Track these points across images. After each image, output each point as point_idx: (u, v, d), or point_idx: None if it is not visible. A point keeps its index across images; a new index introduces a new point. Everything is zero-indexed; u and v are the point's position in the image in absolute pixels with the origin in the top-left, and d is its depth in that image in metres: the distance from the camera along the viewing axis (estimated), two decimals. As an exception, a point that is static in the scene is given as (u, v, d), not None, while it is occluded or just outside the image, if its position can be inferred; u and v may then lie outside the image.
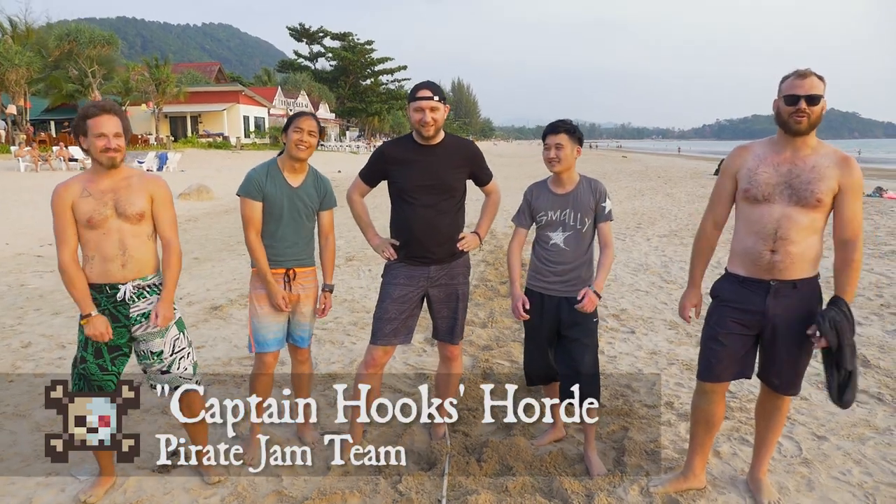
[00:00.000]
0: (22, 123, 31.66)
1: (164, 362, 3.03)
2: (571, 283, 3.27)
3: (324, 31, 78.63)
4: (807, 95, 2.63)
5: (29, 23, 35.60)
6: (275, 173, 3.31)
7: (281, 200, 3.28)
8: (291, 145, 3.24)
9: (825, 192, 2.66)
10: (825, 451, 3.48)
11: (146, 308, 2.97)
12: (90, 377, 2.93)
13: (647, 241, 10.67)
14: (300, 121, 3.24)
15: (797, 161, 2.71)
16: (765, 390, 3.01)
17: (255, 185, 3.27)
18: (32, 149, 23.12)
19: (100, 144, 2.80)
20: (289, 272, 3.36)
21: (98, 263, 2.88)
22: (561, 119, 3.30)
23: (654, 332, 5.72)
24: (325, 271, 3.54)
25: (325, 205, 3.45)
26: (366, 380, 3.36)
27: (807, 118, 2.64)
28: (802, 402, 4.11)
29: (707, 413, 3.00)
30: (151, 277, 3.01)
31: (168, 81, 37.95)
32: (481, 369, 4.74)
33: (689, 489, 3.07)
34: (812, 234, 2.73)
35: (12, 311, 6.46)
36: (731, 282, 2.92)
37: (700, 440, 3.07)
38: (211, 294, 7.14)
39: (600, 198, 3.28)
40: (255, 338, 3.40)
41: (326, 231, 3.51)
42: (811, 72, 2.68)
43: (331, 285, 3.53)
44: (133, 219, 2.89)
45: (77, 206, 2.85)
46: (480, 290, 7.10)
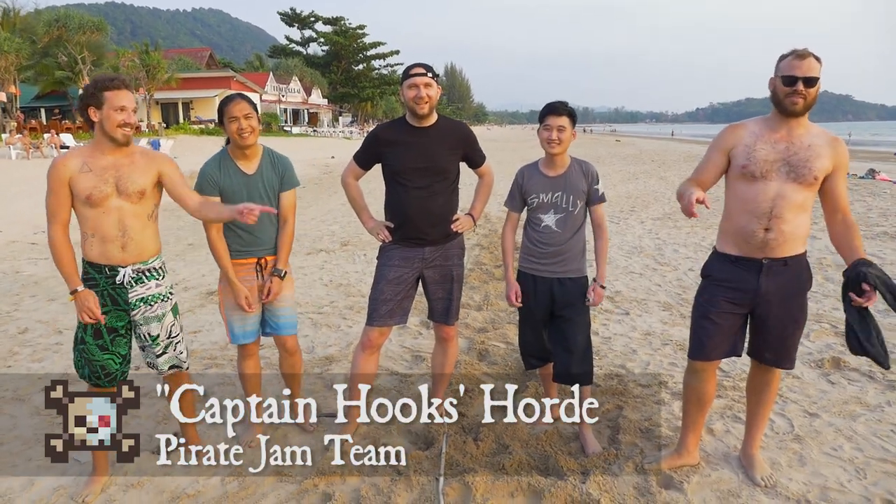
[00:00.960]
0: (12, 111, 31.36)
1: (159, 345, 3.02)
2: (563, 265, 3.30)
3: (315, 16, 78.08)
4: (804, 77, 2.63)
5: (17, 9, 35.18)
6: (227, 164, 3.19)
7: (238, 190, 3.16)
8: (233, 136, 3.11)
9: (820, 171, 2.69)
10: (817, 428, 3.54)
11: (144, 293, 2.93)
12: (91, 357, 2.89)
13: (640, 223, 10.71)
14: (230, 109, 3.08)
15: (793, 139, 2.73)
16: (755, 366, 3.07)
17: (208, 181, 3.16)
18: (23, 136, 22.93)
19: (119, 118, 2.71)
20: (260, 261, 3.29)
21: (97, 243, 2.81)
22: (560, 101, 3.28)
23: (648, 313, 5.76)
24: (279, 255, 3.31)
25: (286, 185, 3.28)
26: (363, 360, 3.39)
27: (803, 100, 2.65)
28: (794, 381, 4.17)
29: (698, 391, 3.05)
30: (152, 261, 2.95)
31: (159, 67, 37.58)
32: (477, 351, 4.77)
33: (683, 465, 3.12)
34: (802, 212, 2.76)
35: (8, 297, 6.46)
36: (722, 261, 2.93)
37: (693, 418, 3.12)
38: (206, 279, 7.15)
39: (592, 180, 3.29)
40: (231, 330, 3.35)
41: (286, 213, 3.29)
42: (809, 52, 2.68)
43: (281, 270, 3.31)
44: (133, 197, 2.81)
45: (76, 181, 2.75)
46: (475, 274, 7.13)
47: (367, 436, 3.46)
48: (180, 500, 2.93)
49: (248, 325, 3.33)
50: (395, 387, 4.18)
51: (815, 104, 2.73)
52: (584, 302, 3.32)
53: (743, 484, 3.00)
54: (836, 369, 4.37)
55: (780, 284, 2.81)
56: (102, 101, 2.72)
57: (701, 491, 2.96)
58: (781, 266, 2.80)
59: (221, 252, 3.22)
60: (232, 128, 3.10)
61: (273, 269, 3.32)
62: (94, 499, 2.94)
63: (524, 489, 2.96)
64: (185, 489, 3.01)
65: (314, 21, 78.28)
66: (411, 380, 4.27)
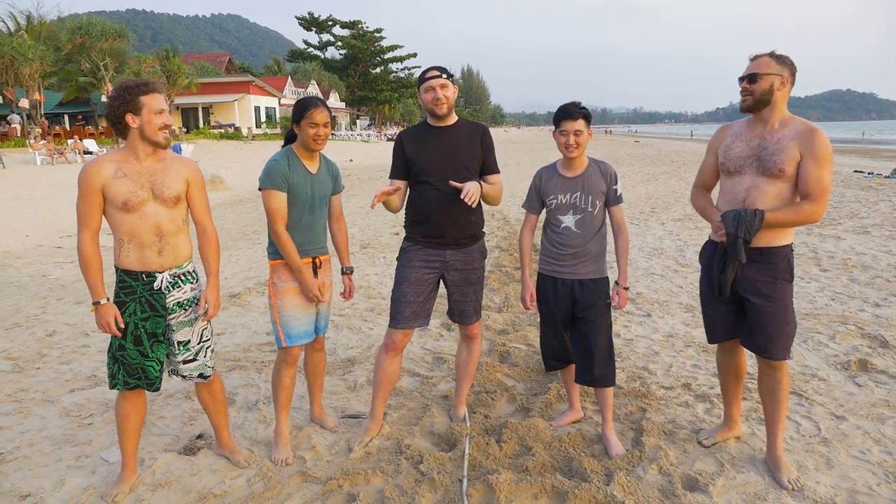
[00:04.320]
0: (36, 117, 31.91)
1: (190, 351, 3.01)
2: (584, 266, 3.30)
3: (333, 20, 78.49)
4: (747, 74, 2.88)
5: (41, 17, 35.80)
6: (295, 162, 3.22)
7: (305, 188, 3.21)
8: (309, 140, 3.16)
9: (786, 163, 2.83)
10: (844, 431, 3.50)
11: (181, 297, 2.92)
12: (131, 362, 2.86)
13: (661, 225, 10.64)
14: (314, 115, 3.14)
15: (766, 136, 2.92)
16: (761, 365, 3.11)
17: (280, 176, 3.14)
18: (48, 142, 23.29)
19: (160, 122, 2.74)
20: (315, 260, 3.31)
21: (134, 250, 2.79)
22: (573, 102, 3.26)
23: (670, 315, 5.72)
24: (343, 254, 3.52)
25: (337, 188, 3.43)
26: (386, 362, 3.41)
27: (751, 96, 2.89)
28: (821, 383, 4.12)
29: (727, 365, 3.32)
30: (186, 265, 2.96)
31: (179, 73, 38.04)
32: (498, 353, 4.78)
33: (733, 437, 3.38)
34: (778, 202, 2.89)
35: (36, 300, 6.58)
36: (708, 248, 3.19)
37: (731, 390, 3.35)
38: (229, 283, 7.22)
39: (611, 181, 3.29)
40: (286, 332, 3.27)
41: (338, 214, 3.48)
42: (765, 53, 2.89)
43: (351, 267, 3.54)
44: (170, 202, 2.81)
45: (110, 187, 2.72)
46: (495, 276, 7.13)
47: (390, 437, 3.48)
48: (207, 500, 2.96)
49: (305, 325, 3.31)
50: (416, 388, 4.19)
51: (836, 103, 2.75)
52: (605, 303, 3.32)
53: (769, 487, 2.97)
54: (863, 371, 4.31)
55: (756, 272, 2.96)
56: (140, 105, 2.72)
57: (727, 493, 2.94)
58: (757, 255, 2.95)
59: (291, 247, 3.18)
60: (311, 132, 3.16)
61: (344, 268, 3.52)
62: (123, 498, 2.97)
63: (548, 491, 2.95)
64: (211, 489, 3.04)
65: (332, 25, 78.73)
66: (433, 381, 4.28)
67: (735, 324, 3.14)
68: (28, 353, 4.99)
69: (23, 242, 9.87)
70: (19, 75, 30.00)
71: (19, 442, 3.53)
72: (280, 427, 3.36)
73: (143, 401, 3.02)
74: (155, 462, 3.23)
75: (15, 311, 6.17)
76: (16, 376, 4.51)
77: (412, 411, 3.84)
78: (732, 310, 3.11)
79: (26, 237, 10.19)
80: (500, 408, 3.90)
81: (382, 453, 3.33)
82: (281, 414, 3.37)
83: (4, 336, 5.41)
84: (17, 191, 14.87)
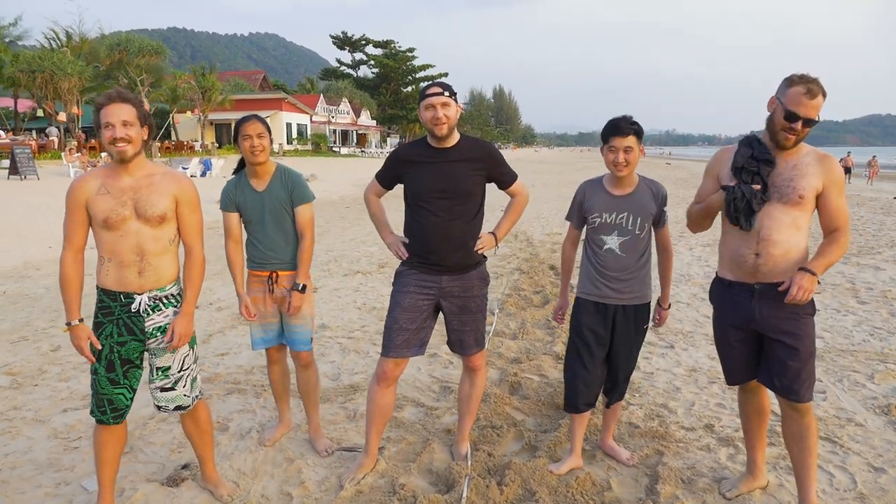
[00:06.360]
0: (74, 131, 32.72)
1: (168, 378, 2.82)
2: (629, 291, 3.09)
3: (366, 39, 79.60)
4: (806, 118, 2.57)
5: (82, 34, 36.86)
6: (243, 183, 3.40)
7: (254, 206, 3.35)
8: (247, 153, 3.28)
9: (808, 189, 2.64)
10: (883, 485, 3.17)
11: (162, 322, 2.74)
12: (99, 391, 2.70)
13: (689, 250, 10.28)
14: (245, 127, 3.27)
15: (781, 161, 2.70)
16: (786, 409, 2.85)
17: (226, 198, 3.40)
18: (82, 155, 23.76)
19: (107, 136, 2.56)
20: (272, 275, 3.40)
21: (114, 268, 2.63)
22: (623, 116, 3.00)
23: (695, 347, 5.41)
24: (300, 269, 3.39)
25: (297, 200, 3.37)
26: (378, 394, 3.20)
27: (796, 137, 2.62)
28: (857, 429, 3.79)
29: (750, 405, 3.07)
30: (170, 287, 2.76)
31: (213, 89, 38.76)
32: (508, 384, 4.52)
33: (759, 488, 3.10)
34: (795, 232, 2.69)
35: (47, 313, 6.52)
36: (719, 286, 2.96)
37: (755, 432, 3.08)
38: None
39: (662, 202, 3.10)
40: (251, 336, 3.56)
41: (303, 227, 3.39)
42: (819, 87, 2.59)
43: (300, 284, 3.37)
44: (153, 221, 2.63)
45: (93, 203, 2.60)
46: (513, 300, 6.88)
47: (384, 474, 3.26)
48: (184, 538, 2.76)
49: (262, 333, 3.52)
50: (419, 420, 3.96)
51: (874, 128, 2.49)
52: (644, 327, 3.18)
53: (798, 549, 2.68)
54: (904, 417, 3.96)
55: (773, 308, 2.72)
56: (100, 120, 2.58)
57: (749, 555, 2.65)
58: (774, 291, 2.69)
59: (234, 264, 3.47)
60: (245, 145, 3.27)
61: (293, 284, 3.40)
62: None
63: (550, 543, 2.70)
64: (190, 526, 2.85)
65: (365, 44, 79.83)
66: (437, 413, 4.05)
67: (755, 365, 2.90)
68: (29, 368, 4.89)
69: (45, 253, 9.93)
70: (59, 89, 30.82)
71: (1, 465, 3.39)
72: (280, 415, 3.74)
73: (123, 430, 2.83)
74: (135, 493, 3.06)
75: (25, 324, 6.11)
76: (12, 393, 4.40)
77: (412, 446, 3.61)
78: (751, 350, 2.88)
79: (49, 248, 10.25)
80: (506, 445, 3.65)
81: (374, 492, 3.10)
82: (277, 403, 3.73)
83: (10, 350, 5.34)
84: (48, 201, 15.08)
